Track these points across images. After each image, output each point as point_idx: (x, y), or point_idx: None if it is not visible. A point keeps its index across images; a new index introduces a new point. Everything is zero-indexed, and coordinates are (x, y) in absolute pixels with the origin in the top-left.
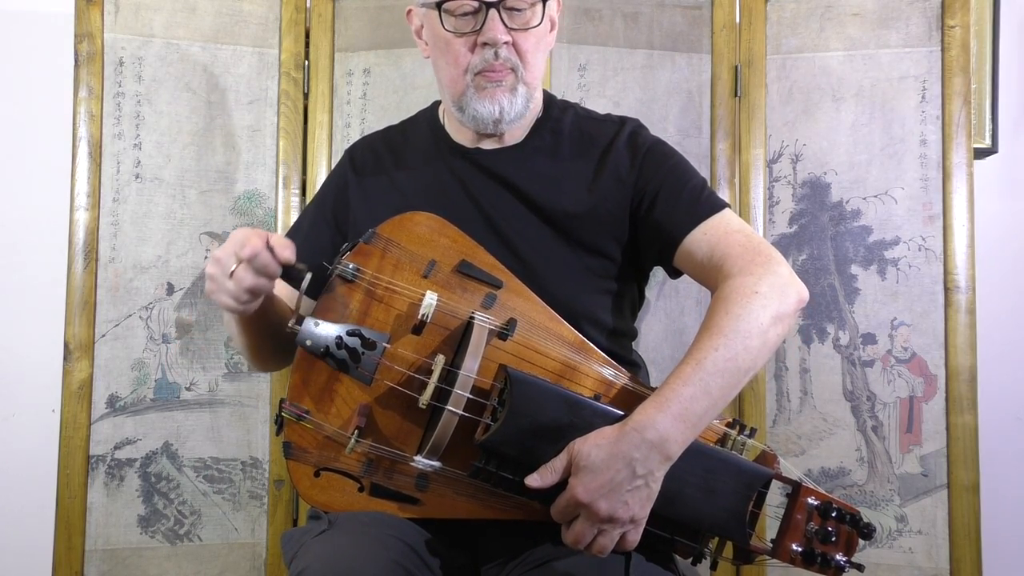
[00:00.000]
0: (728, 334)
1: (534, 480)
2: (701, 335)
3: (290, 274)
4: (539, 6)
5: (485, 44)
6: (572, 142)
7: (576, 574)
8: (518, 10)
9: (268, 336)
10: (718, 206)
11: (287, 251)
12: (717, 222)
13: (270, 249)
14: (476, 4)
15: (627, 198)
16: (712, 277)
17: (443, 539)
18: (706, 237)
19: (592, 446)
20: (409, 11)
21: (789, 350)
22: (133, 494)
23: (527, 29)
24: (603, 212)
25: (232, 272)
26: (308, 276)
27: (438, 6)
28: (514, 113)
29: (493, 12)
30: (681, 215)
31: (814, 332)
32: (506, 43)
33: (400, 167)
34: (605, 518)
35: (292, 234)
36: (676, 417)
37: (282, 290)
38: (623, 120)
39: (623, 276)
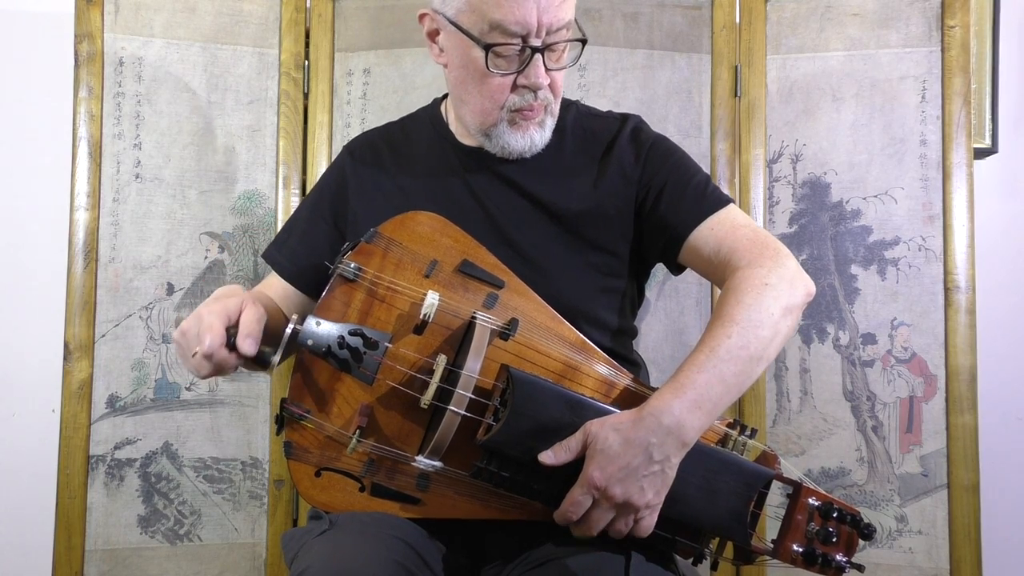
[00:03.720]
0: (740, 322)
1: (548, 457)
2: (713, 324)
3: (257, 359)
4: (575, 43)
5: (525, 86)
6: (575, 139)
7: (576, 574)
8: (556, 50)
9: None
10: (723, 201)
11: (248, 343)
12: (723, 217)
13: (232, 340)
14: (520, 46)
15: (632, 193)
16: (720, 271)
17: (444, 539)
18: (713, 232)
19: (610, 430)
20: (424, 14)
21: (789, 350)
22: (133, 494)
23: (562, 68)
24: (609, 208)
25: (194, 354)
26: (276, 358)
27: (487, 48)
28: (542, 143)
29: (537, 57)
30: (687, 210)
31: (814, 332)
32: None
33: (402, 165)
34: (620, 503)
35: (288, 229)
36: (692, 403)
37: (278, 292)
38: (625, 116)
39: (626, 274)
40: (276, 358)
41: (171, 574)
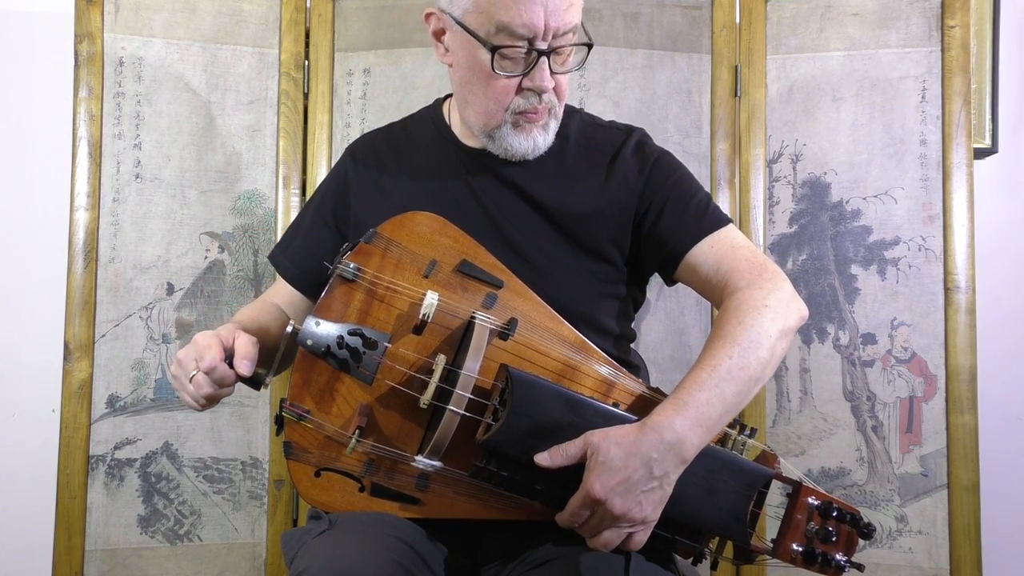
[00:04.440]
0: (741, 343)
1: (543, 459)
2: (714, 343)
3: (251, 380)
4: (580, 47)
5: (530, 89)
6: (579, 147)
7: (576, 574)
8: (562, 53)
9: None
10: (723, 221)
11: (244, 364)
12: (723, 236)
13: (229, 359)
14: (527, 48)
15: (632, 206)
16: (717, 290)
17: (443, 539)
18: (712, 251)
19: (612, 443)
20: (430, 13)
21: (789, 350)
22: (133, 494)
23: (567, 72)
24: (609, 216)
25: (192, 377)
26: (270, 379)
27: (493, 50)
28: (545, 146)
29: (543, 60)
30: (687, 228)
31: (814, 332)
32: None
33: (404, 166)
34: (618, 515)
35: (292, 232)
36: (693, 421)
37: (285, 297)
38: (630, 129)
39: (624, 281)
40: (269, 379)
41: (171, 574)
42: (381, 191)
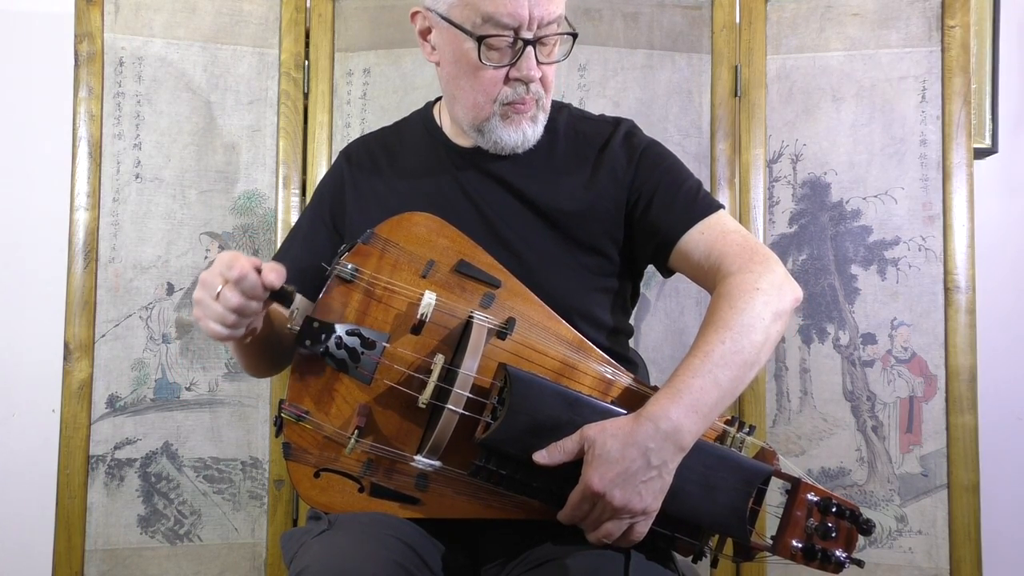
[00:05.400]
0: (733, 328)
1: (541, 457)
2: (706, 329)
3: (279, 296)
4: (566, 38)
5: (517, 79)
6: (567, 142)
7: (576, 573)
8: (547, 44)
9: (264, 354)
10: (714, 207)
11: (273, 275)
12: (714, 222)
13: (257, 271)
14: (512, 38)
15: (623, 197)
16: (710, 276)
17: (443, 539)
18: (703, 237)
19: (608, 435)
20: (416, 12)
21: (789, 350)
22: (133, 494)
23: (553, 63)
24: (599, 210)
25: (218, 293)
26: (297, 297)
27: (479, 40)
28: (534, 139)
29: (529, 49)
30: (678, 215)
31: (814, 332)
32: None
33: (397, 168)
34: (619, 507)
35: (291, 237)
36: (688, 408)
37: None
38: (618, 120)
39: (618, 274)
40: (296, 305)
41: (171, 574)
42: (375, 194)
